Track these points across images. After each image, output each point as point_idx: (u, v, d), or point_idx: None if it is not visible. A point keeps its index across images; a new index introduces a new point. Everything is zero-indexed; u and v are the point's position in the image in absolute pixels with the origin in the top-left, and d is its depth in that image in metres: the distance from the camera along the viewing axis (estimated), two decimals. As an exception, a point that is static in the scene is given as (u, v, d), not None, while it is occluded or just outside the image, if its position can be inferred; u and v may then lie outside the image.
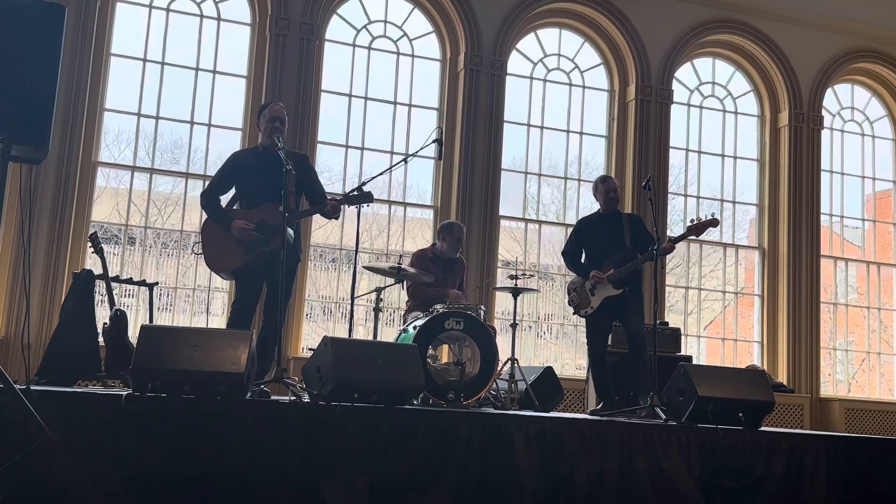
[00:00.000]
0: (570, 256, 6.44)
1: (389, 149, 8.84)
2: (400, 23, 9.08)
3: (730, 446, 4.62)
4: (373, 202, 5.19)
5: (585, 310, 6.21)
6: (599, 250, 6.23)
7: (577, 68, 9.60)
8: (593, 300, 6.14)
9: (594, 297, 6.14)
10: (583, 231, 6.43)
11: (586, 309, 6.20)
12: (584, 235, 6.40)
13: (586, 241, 6.38)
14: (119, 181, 8.77)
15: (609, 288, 6.05)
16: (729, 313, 10.31)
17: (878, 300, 10.40)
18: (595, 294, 6.13)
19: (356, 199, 5.12)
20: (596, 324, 6.24)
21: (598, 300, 6.12)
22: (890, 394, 10.28)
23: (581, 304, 6.23)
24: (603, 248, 6.20)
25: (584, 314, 6.24)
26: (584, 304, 6.21)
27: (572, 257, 6.43)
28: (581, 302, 6.23)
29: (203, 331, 4.49)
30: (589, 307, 6.17)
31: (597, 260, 6.22)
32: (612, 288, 6.04)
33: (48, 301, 7.41)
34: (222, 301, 8.31)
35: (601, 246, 6.22)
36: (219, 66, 8.46)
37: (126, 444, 3.67)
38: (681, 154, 9.85)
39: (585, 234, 6.40)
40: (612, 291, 6.05)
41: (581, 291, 6.24)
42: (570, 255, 6.44)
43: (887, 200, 10.85)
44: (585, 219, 6.62)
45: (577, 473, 4.31)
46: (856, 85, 10.66)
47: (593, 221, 6.46)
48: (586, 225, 6.47)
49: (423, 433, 4.10)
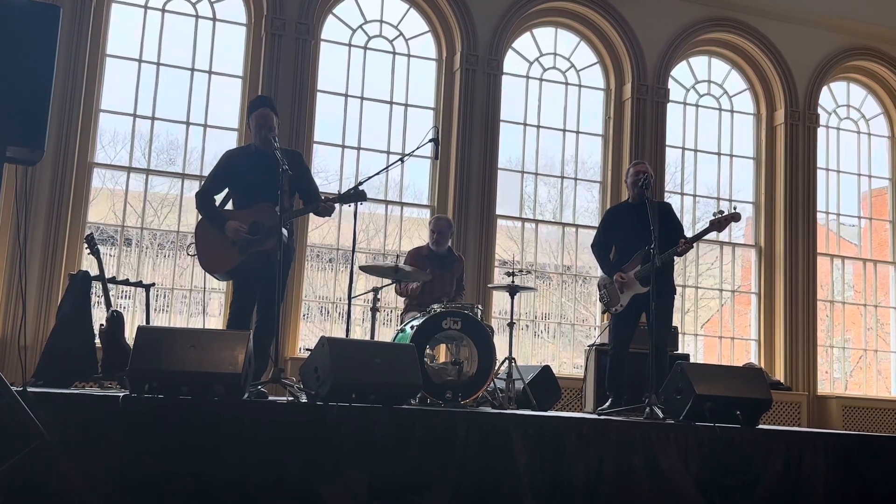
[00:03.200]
0: (599, 249, 6.26)
1: (386, 148, 8.83)
2: (396, 22, 9.08)
3: (727, 444, 4.62)
4: (366, 201, 5.15)
5: (615, 307, 6.06)
6: (627, 243, 6.00)
7: (573, 67, 9.60)
8: (623, 298, 5.99)
9: (623, 294, 5.98)
10: (610, 222, 6.25)
11: (616, 307, 6.05)
12: (611, 227, 6.20)
13: (614, 232, 6.16)
14: (115, 182, 8.77)
15: (637, 286, 5.87)
16: (726, 311, 10.32)
17: (874, 297, 10.41)
18: (624, 292, 5.98)
19: (350, 197, 5.08)
20: (622, 323, 6.07)
21: (627, 298, 5.96)
22: (887, 391, 10.29)
23: (611, 301, 6.07)
24: (630, 240, 5.94)
25: (614, 311, 6.10)
26: (614, 301, 6.05)
27: (600, 250, 6.24)
28: (611, 299, 6.07)
29: (200, 332, 4.48)
30: (619, 305, 6.02)
31: (625, 253, 6.02)
32: (639, 286, 5.85)
33: (44, 303, 7.40)
34: (219, 302, 8.30)
35: (629, 238, 5.96)
36: (214, 66, 8.44)
37: (123, 446, 3.67)
38: (677, 152, 9.86)
39: (613, 225, 6.20)
40: (639, 289, 5.86)
41: (611, 289, 6.07)
42: (598, 247, 6.26)
43: (883, 198, 10.87)
44: (613, 209, 6.42)
45: (575, 472, 4.31)
46: (851, 83, 10.67)
47: (621, 212, 6.26)
48: (614, 215, 6.30)
49: (420, 433, 4.10)
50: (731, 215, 5.78)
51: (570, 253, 9.58)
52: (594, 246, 6.34)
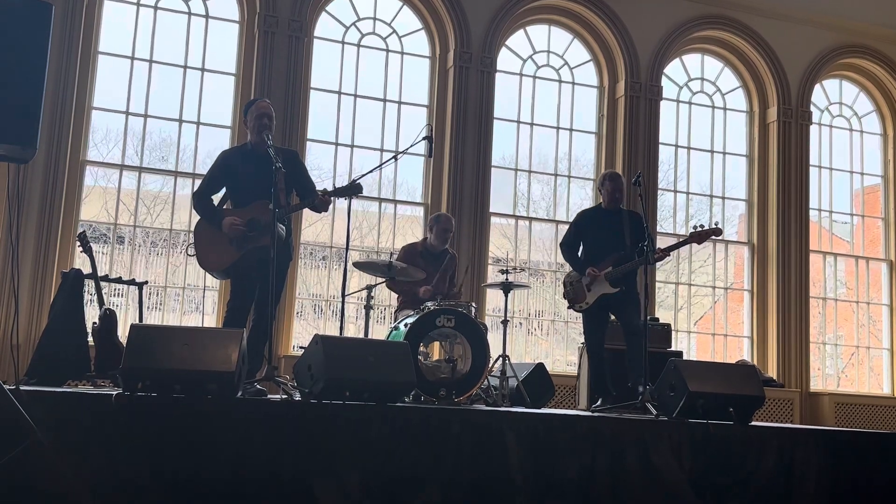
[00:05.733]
0: (568, 248, 6.37)
1: (379, 146, 8.83)
2: (389, 20, 9.07)
3: (720, 441, 4.63)
4: (361, 193, 5.15)
5: (580, 304, 6.17)
6: (598, 245, 6.18)
7: (566, 65, 9.61)
8: (589, 296, 6.11)
9: (590, 293, 6.10)
10: (583, 224, 6.37)
11: (581, 304, 6.17)
12: (583, 228, 6.34)
13: (585, 234, 6.32)
14: (107, 180, 8.74)
15: (605, 286, 6.02)
16: (719, 309, 10.34)
17: (866, 294, 10.45)
18: (591, 290, 6.09)
19: (345, 190, 5.09)
20: (592, 319, 6.22)
21: (593, 296, 6.09)
22: (879, 388, 10.33)
23: (576, 298, 6.20)
24: (601, 243, 6.15)
25: (578, 309, 6.21)
26: (579, 298, 6.18)
27: (570, 249, 6.37)
28: (576, 296, 6.20)
29: (193, 330, 4.47)
30: (584, 302, 6.14)
31: (594, 255, 6.17)
32: (608, 286, 6.01)
33: (37, 301, 7.37)
34: (212, 299, 8.28)
35: (600, 241, 6.17)
36: (207, 63, 8.42)
37: (116, 444, 3.66)
38: (670, 150, 9.87)
39: (585, 227, 6.34)
40: (608, 289, 6.02)
41: (577, 286, 6.20)
42: (568, 246, 6.38)
43: (875, 195, 10.91)
44: (586, 211, 6.55)
45: (569, 470, 4.32)
46: (844, 80, 10.70)
47: (594, 215, 6.41)
48: (587, 218, 6.41)
49: (414, 431, 4.10)
50: (712, 230, 5.88)
51: (563, 250, 9.57)
52: (563, 245, 6.45)
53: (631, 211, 6.47)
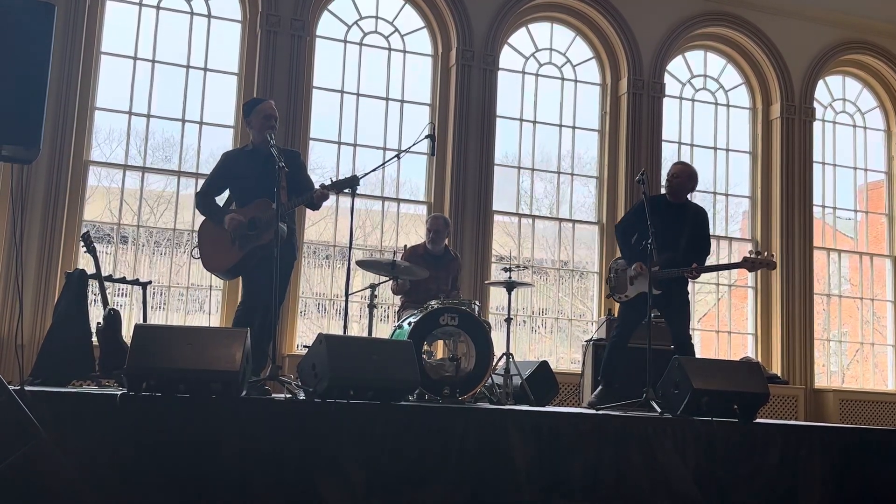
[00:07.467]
0: (622, 232, 6.07)
1: (382, 145, 8.83)
2: (391, 18, 9.07)
3: (725, 438, 4.63)
4: (358, 185, 5.10)
5: (620, 296, 5.99)
6: (655, 237, 5.60)
7: (568, 62, 9.60)
8: (630, 290, 5.93)
9: (632, 287, 5.91)
10: (644, 212, 5.72)
11: (621, 295, 5.99)
12: (644, 216, 5.67)
13: (643, 222, 5.66)
14: (111, 180, 8.74)
15: (647, 284, 5.66)
16: (723, 306, 10.33)
17: (871, 291, 10.43)
18: (634, 284, 5.90)
19: (342, 184, 5.06)
20: (627, 313, 6.03)
21: (634, 291, 5.90)
22: (883, 384, 10.31)
23: (617, 287, 6.01)
24: (657, 237, 5.59)
25: (617, 299, 6.04)
26: (620, 288, 5.99)
27: (624, 234, 6.04)
28: (618, 286, 6.01)
29: (197, 329, 4.48)
30: (624, 295, 5.96)
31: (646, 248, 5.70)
32: (652, 286, 5.64)
33: (41, 301, 7.38)
34: (216, 299, 8.29)
35: (655, 235, 5.59)
36: (209, 63, 8.43)
37: (121, 444, 3.66)
38: (673, 147, 9.86)
39: (644, 215, 5.70)
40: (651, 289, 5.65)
41: (622, 276, 5.99)
42: (623, 230, 6.06)
43: (879, 191, 10.88)
44: (652, 198, 5.84)
45: (573, 467, 4.32)
46: (847, 76, 10.68)
47: (658, 205, 5.87)
48: (651, 206, 5.70)
49: (418, 429, 4.10)
50: (767, 261, 5.72)
51: (566, 248, 9.57)
52: (619, 228, 6.17)
53: (697, 207, 6.12)
